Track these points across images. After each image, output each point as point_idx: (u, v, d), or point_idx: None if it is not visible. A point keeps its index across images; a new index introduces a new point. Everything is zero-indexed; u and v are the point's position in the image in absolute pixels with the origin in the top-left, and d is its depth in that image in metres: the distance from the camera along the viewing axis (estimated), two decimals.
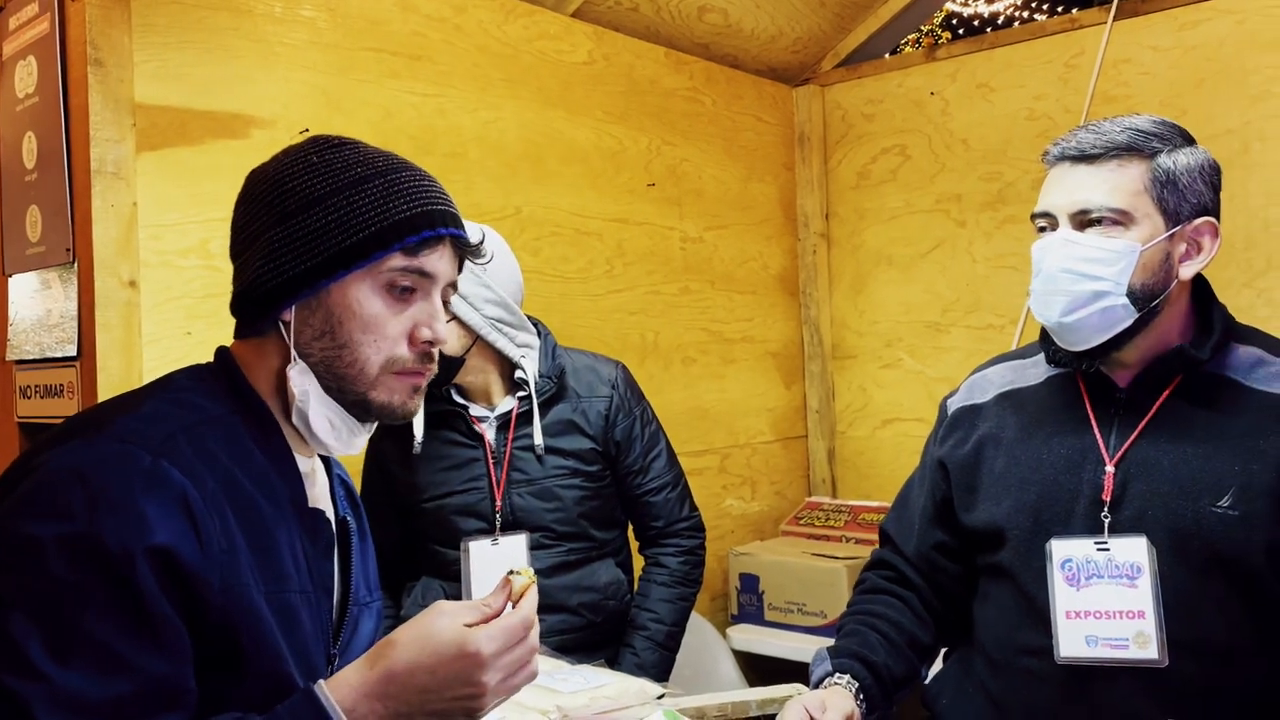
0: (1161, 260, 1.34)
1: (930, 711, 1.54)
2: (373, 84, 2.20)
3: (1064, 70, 2.82)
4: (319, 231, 1.01)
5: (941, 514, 1.54)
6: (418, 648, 0.93)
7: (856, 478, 3.28)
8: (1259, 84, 2.51)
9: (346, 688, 0.93)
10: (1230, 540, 1.27)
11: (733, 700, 1.73)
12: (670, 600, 2.09)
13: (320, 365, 1.03)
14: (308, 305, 1.02)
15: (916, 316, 3.14)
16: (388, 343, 1.03)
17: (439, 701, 0.93)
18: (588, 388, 2.06)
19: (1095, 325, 1.34)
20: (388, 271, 1.02)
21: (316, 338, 1.02)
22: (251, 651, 0.92)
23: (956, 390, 1.62)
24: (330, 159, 1.04)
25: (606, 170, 2.73)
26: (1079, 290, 1.32)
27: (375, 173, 1.03)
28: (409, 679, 0.92)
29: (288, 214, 1.02)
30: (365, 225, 1.00)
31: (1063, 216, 1.35)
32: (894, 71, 3.17)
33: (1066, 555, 1.36)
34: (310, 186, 1.02)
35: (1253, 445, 1.30)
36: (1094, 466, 1.38)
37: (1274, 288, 2.51)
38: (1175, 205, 1.33)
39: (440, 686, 0.93)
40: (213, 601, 0.89)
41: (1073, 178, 1.35)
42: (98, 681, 0.83)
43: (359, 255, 1.00)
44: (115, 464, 0.88)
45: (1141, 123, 1.35)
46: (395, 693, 0.92)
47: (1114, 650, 1.31)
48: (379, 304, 1.03)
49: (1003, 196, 2.95)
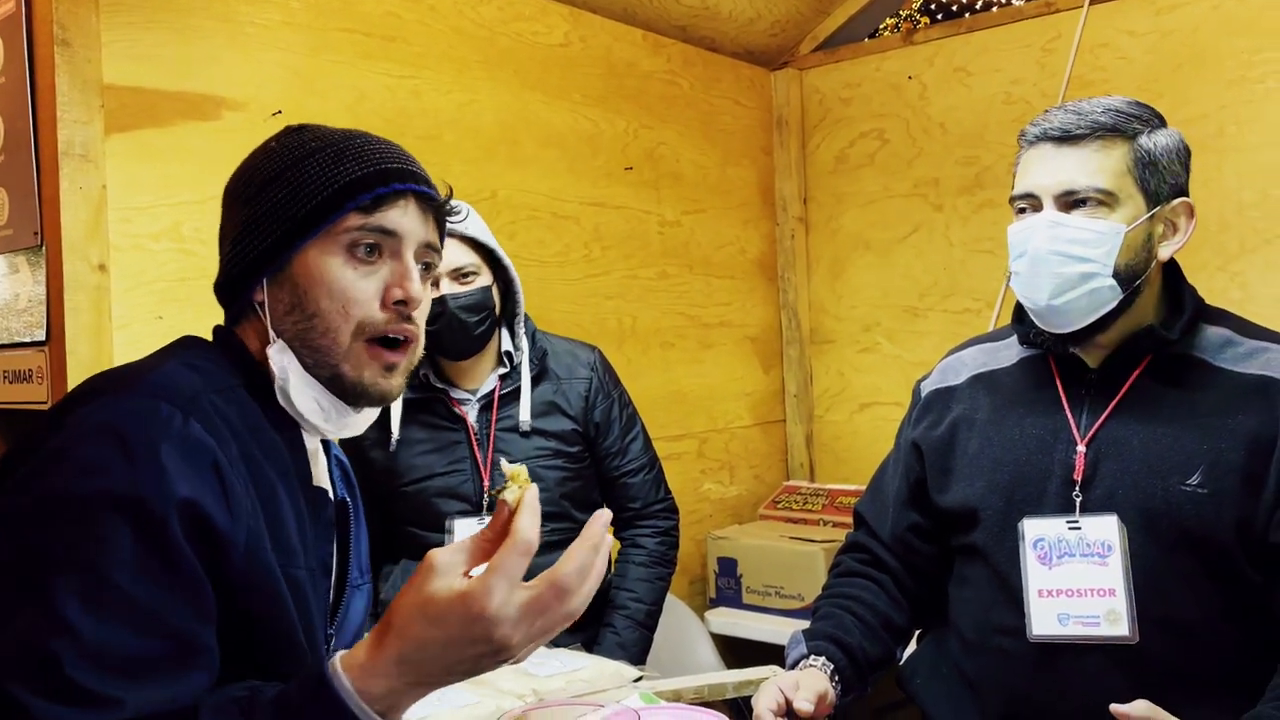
0: (1144, 241, 1.34)
1: (905, 692, 1.55)
2: (346, 65, 2.18)
3: (1041, 54, 2.83)
4: (276, 206, 1.02)
5: (915, 496, 1.55)
6: (422, 619, 0.84)
7: (834, 462, 3.29)
8: (1234, 68, 2.53)
9: (358, 668, 0.84)
10: (1199, 518, 1.28)
11: (709, 683, 1.73)
12: (649, 580, 2.12)
13: (296, 341, 1.01)
14: (276, 281, 1.02)
15: (894, 300, 3.15)
16: (358, 307, 1.01)
17: (462, 664, 0.85)
18: (567, 370, 2.09)
19: (1084, 307, 1.34)
20: (345, 233, 1.01)
21: (288, 312, 1.02)
22: (267, 618, 0.92)
23: (930, 373, 1.63)
24: (288, 141, 1.06)
25: (584, 153, 2.71)
26: (1067, 272, 1.33)
27: (327, 144, 1.04)
28: (421, 652, 0.84)
29: (249, 197, 1.04)
30: (318, 191, 1.01)
31: (1047, 198, 1.35)
32: (872, 55, 3.17)
33: (1039, 534, 1.37)
34: (267, 167, 1.04)
35: (1221, 424, 1.31)
36: (1065, 446, 1.39)
37: (1247, 271, 2.53)
38: (1156, 186, 1.34)
39: (457, 652, 0.84)
40: (236, 564, 0.89)
41: (1056, 159, 1.34)
42: (129, 637, 0.82)
43: (313, 221, 1.00)
44: (148, 419, 0.88)
45: (1119, 104, 1.36)
46: (411, 668, 0.85)
47: (1086, 628, 1.32)
48: (342, 267, 1.01)
49: (980, 181, 2.95)
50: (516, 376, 2.04)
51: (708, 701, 1.66)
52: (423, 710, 1.34)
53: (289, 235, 1.01)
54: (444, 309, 1.92)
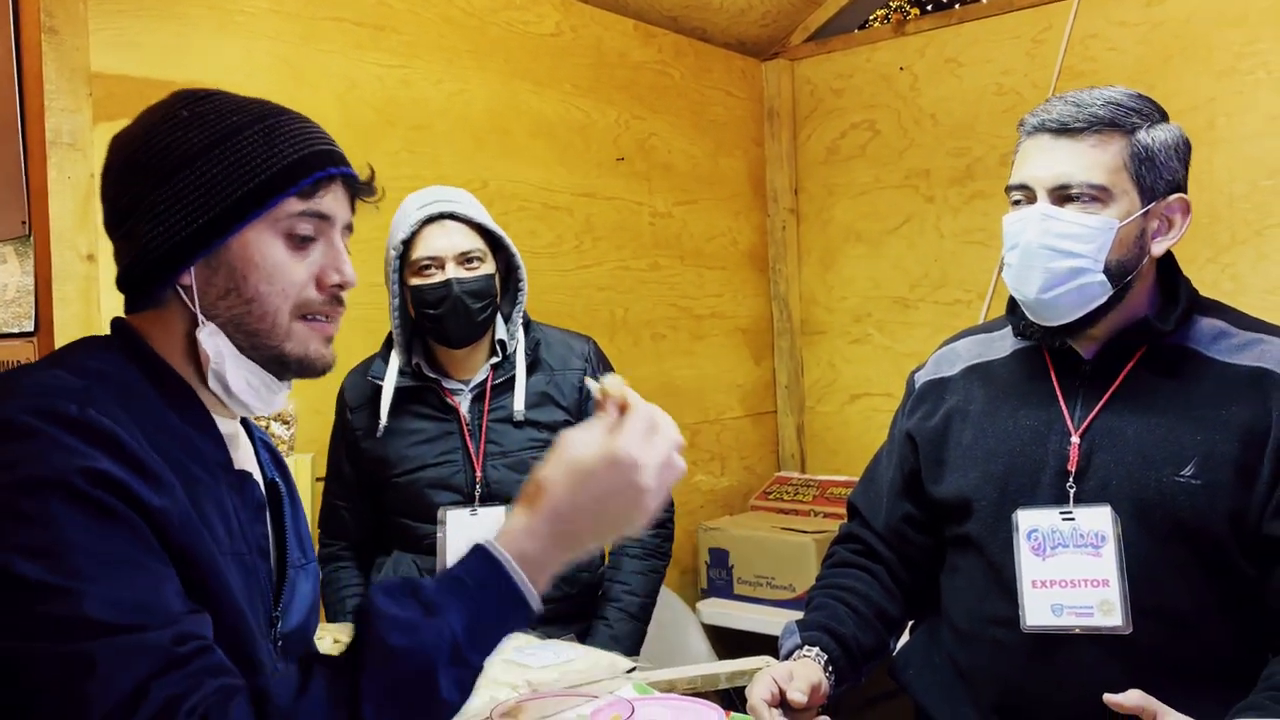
0: (1136, 236, 1.34)
1: (897, 683, 1.56)
2: (336, 54, 2.17)
3: (1031, 45, 2.83)
4: (208, 185, 0.96)
5: (909, 486, 1.55)
6: (570, 479, 0.93)
7: (825, 453, 3.30)
8: (1224, 60, 2.53)
9: (516, 534, 0.92)
10: (1193, 509, 1.29)
11: (702, 673, 1.73)
12: (643, 573, 2.11)
13: (229, 325, 0.99)
14: (208, 264, 0.98)
15: (885, 292, 3.15)
16: (295, 289, 1.01)
17: (608, 518, 0.94)
18: (560, 361, 2.08)
19: (1072, 302, 1.34)
20: (286, 219, 0.99)
21: (222, 296, 0.99)
22: (212, 594, 0.89)
23: (924, 364, 1.62)
24: (201, 111, 0.99)
25: (575, 144, 2.70)
26: (1057, 267, 1.32)
27: (252, 118, 0.99)
28: (574, 507, 0.92)
29: (168, 172, 0.97)
30: (255, 172, 0.97)
31: (1041, 190, 1.34)
32: (863, 46, 3.17)
33: (1032, 525, 1.37)
34: (188, 141, 0.97)
35: (1215, 415, 1.31)
36: (1059, 437, 1.39)
37: (1238, 262, 2.54)
38: (1151, 182, 1.33)
39: (606, 503, 0.93)
40: (173, 535, 0.87)
41: (1052, 151, 1.34)
42: (127, 583, 0.80)
43: (254, 204, 0.97)
44: (43, 411, 0.85)
45: (1119, 96, 1.35)
46: (566, 530, 0.93)
47: (1079, 618, 1.32)
48: (281, 252, 1.00)
49: (970, 172, 2.95)
50: (509, 366, 2.03)
51: (701, 692, 1.66)
52: None
53: (226, 217, 0.97)
54: (449, 293, 1.91)
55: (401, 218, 1.97)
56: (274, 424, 1.77)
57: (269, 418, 1.78)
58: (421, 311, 1.95)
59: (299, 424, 1.84)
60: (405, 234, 1.93)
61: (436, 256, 1.93)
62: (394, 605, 0.86)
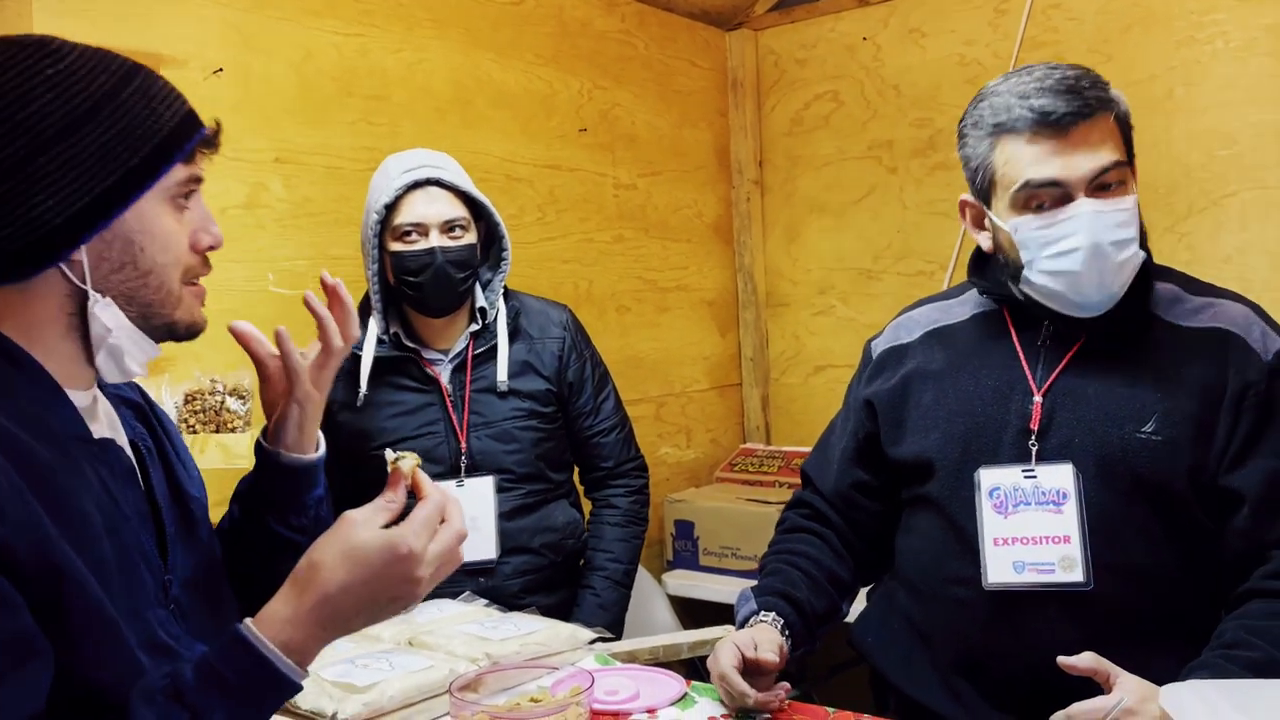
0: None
1: (857, 650, 1.57)
2: (291, 22, 2.12)
3: (994, 15, 2.82)
4: (97, 154, 0.90)
5: (863, 453, 1.56)
6: (348, 564, 0.92)
7: (790, 424, 3.31)
8: (1183, 29, 2.54)
9: (280, 622, 0.91)
10: (1154, 465, 1.31)
11: (664, 643, 1.75)
12: (625, 540, 2.13)
13: (121, 298, 0.96)
14: (102, 238, 0.93)
15: (849, 263, 3.16)
16: (183, 256, 0.99)
17: (376, 608, 0.95)
18: (540, 329, 2.07)
19: (1123, 284, 1.34)
20: (174, 185, 0.97)
21: (116, 270, 0.95)
22: (77, 608, 0.86)
23: (881, 333, 1.63)
24: (68, 69, 0.92)
25: (537, 115, 2.68)
26: (1124, 259, 1.31)
27: (122, 78, 0.94)
28: (345, 597, 0.92)
29: (49, 140, 0.89)
30: (144, 139, 0.93)
31: (1080, 184, 1.30)
32: (827, 16, 3.15)
33: (994, 483, 1.38)
34: (65, 105, 0.90)
35: (1174, 374, 1.34)
36: (1022, 397, 1.40)
37: (1195, 232, 2.57)
38: (1131, 149, 1.36)
39: (378, 595, 0.94)
40: (26, 572, 0.82)
41: (1076, 143, 1.30)
42: None
43: (148, 173, 0.94)
44: None
45: (1086, 73, 1.34)
46: (332, 614, 0.92)
47: (1041, 575, 1.34)
48: (170, 220, 0.98)
49: (933, 143, 2.96)
50: (489, 336, 2.02)
51: (663, 662, 1.67)
52: (373, 676, 1.33)
53: (121, 187, 0.92)
54: (433, 261, 1.89)
55: (384, 181, 1.94)
56: (229, 399, 1.74)
57: (224, 393, 1.75)
58: (402, 279, 1.92)
59: (255, 399, 1.81)
60: (389, 198, 1.90)
61: (420, 223, 1.91)
62: (156, 717, 0.85)
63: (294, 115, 2.13)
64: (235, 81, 2.02)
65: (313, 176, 2.16)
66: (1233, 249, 2.52)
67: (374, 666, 1.37)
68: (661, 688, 1.39)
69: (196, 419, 1.81)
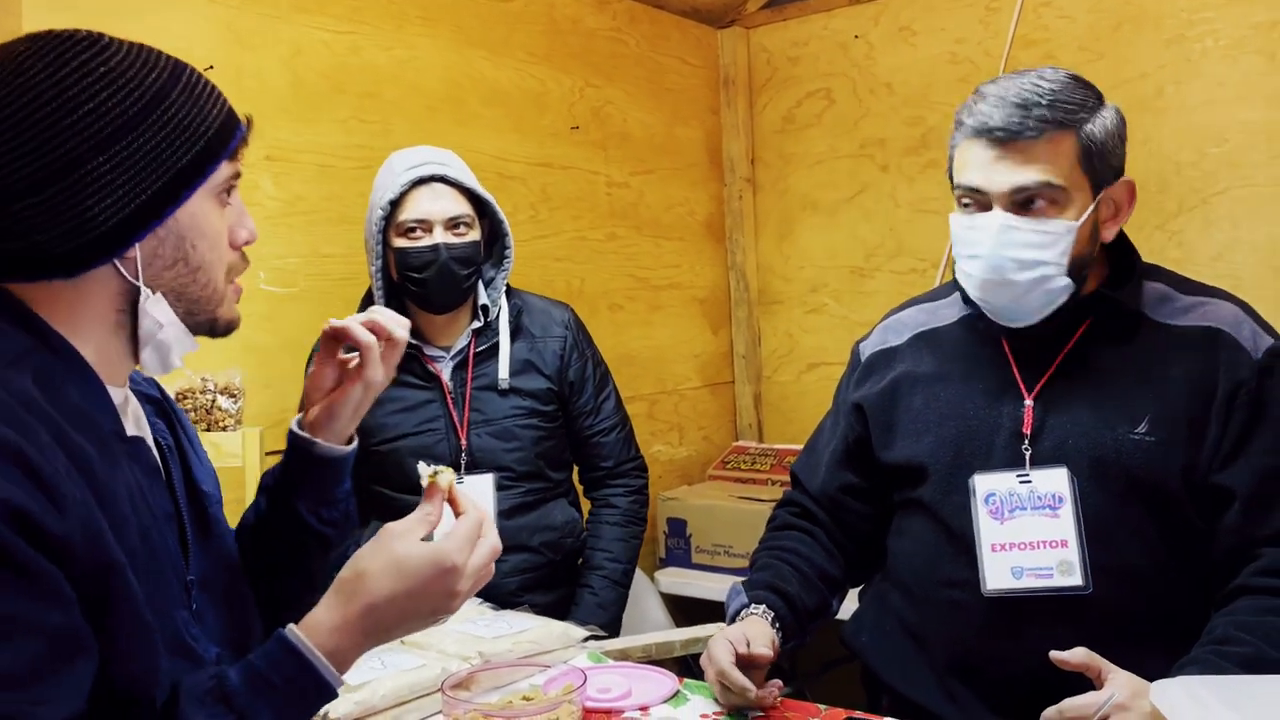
0: (1091, 231, 1.34)
1: (850, 650, 1.57)
2: (281, 19, 2.12)
3: (985, 13, 2.83)
4: (152, 152, 0.91)
5: (852, 455, 1.56)
6: (394, 575, 0.95)
7: (782, 422, 3.31)
8: (1173, 28, 2.55)
9: (326, 629, 0.94)
10: (1148, 465, 1.31)
11: (657, 641, 1.75)
12: (624, 539, 2.14)
13: (171, 294, 0.97)
14: (155, 235, 0.94)
15: (841, 261, 3.16)
16: (226, 254, 1.00)
17: (416, 618, 0.98)
18: (542, 328, 2.08)
19: (1038, 305, 1.34)
20: (221, 182, 0.98)
21: (168, 266, 0.95)
22: (120, 605, 0.87)
23: (869, 335, 1.63)
24: (119, 66, 0.92)
25: (529, 113, 2.67)
26: (1023, 278, 1.31)
27: (169, 76, 0.95)
28: (390, 606, 0.95)
29: (108, 138, 0.89)
30: (195, 137, 0.94)
31: (999, 198, 1.31)
32: (818, 14, 3.15)
33: (990, 489, 1.38)
34: (120, 102, 0.90)
35: (1165, 374, 1.33)
36: (1013, 401, 1.40)
37: (1185, 230, 2.57)
38: (1101, 173, 1.32)
39: (420, 605, 0.96)
40: (78, 562, 0.83)
41: (1004, 159, 1.30)
42: (7, 652, 0.77)
43: (198, 171, 0.94)
44: None
45: (1060, 88, 1.31)
46: (376, 622, 0.95)
47: (1039, 580, 1.34)
48: (217, 216, 0.99)
49: (925, 141, 2.96)
50: (491, 333, 2.02)
51: (655, 660, 1.67)
52: (366, 675, 1.33)
53: (175, 185, 0.93)
54: (437, 258, 1.89)
55: (389, 177, 1.94)
56: (220, 397, 1.74)
57: (215, 391, 1.75)
58: (405, 274, 1.93)
59: (246, 398, 1.81)
60: (394, 194, 1.90)
61: (425, 220, 1.91)
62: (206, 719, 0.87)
63: (285, 113, 2.12)
64: (226, 79, 2.00)
65: (304, 175, 2.16)
66: (1223, 246, 2.53)
67: (365, 665, 1.36)
68: (654, 685, 1.39)
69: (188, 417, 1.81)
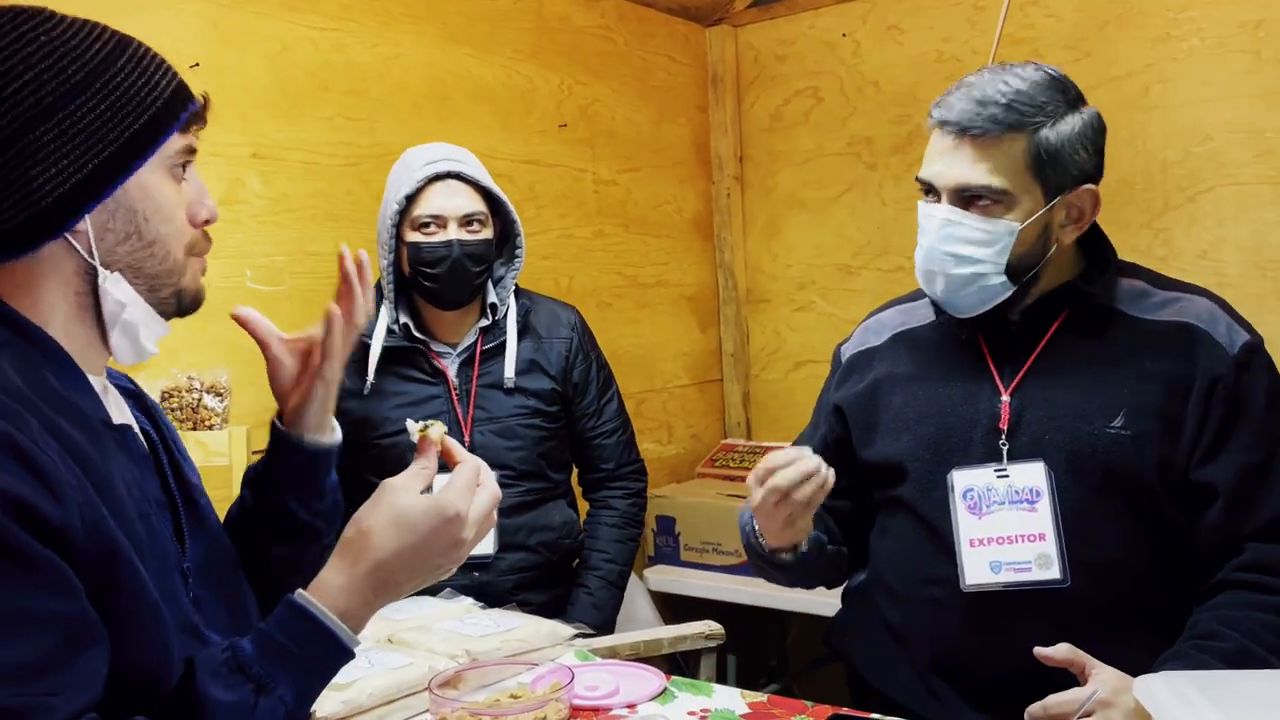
0: (1039, 233, 1.35)
1: (833, 650, 1.57)
2: (268, 16, 2.11)
3: (972, 12, 2.84)
4: (96, 122, 0.89)
5: (832, 456, 1.56)
6: (398, 530, 0.95)
7: (770, 420, 3.32)
8: (1160, 26, 2.56)
9: (335, 590, 0.94)
10: (1124, 459, 1.32)
11: (645, 639, 1.75)
12: (621, 541, 2.15)
13: (129, 270, 0.95)
14: (104, 208, 0.92)
15: (828, 259, 3.17)
16: (184, 228, 0.99)
17: (426, 571, 0.98)
18: (548, 329, 2.09)
19: (974, 301, 1.38)
20: (173, 154, 0.96)
21: (121, 241, 0.94)
22: (126, 589, 0.86)
23: (849, 337, 1.65)
24: (59, 36, 0.91)
25: (516, 110, 2.67)
26: (957, 273, 1.35)
27: (115, 47, 0.94)
28: (396, 560, 0.95)
29: (48, 108, 0.87)
30: (142, 108, 0.92)
31: (945, 191, 1.35)
32: (806, 12, 3.16)
33: (968, 485, 1.39)
34: (63, 71, 0.89)
35: (1140, 369, 1.34)
36: (990, 397, 1.41)
37: (1171, 228, 2.59)
38: (1056, 179, 1.33)
39: (428, 558, 0.97)
40: (80, 549, 0.82)
41: (955, 152, 1.34)
42: (20, 645, 0.76)
43: (148, 141, 0.93)
44: None
45: (1025, 89, 1.32)
46: (385, 578, 0.95)
47: (1018, 574, 1.35)
48: (170, 189, 0.97)
49: (912, 139, 2.96)
50: (499, 332, 2.03)
51: (644, 657, 1.67)
52: (353, 674, 1.33)
53: (122, 155, 0.91)
54: (450, 254, 1.91)
55: (405, 172, 1.95)
56: (207, 396, 1.73)
57: (201, 390, 1.74)
58: (418, 269, 1.94)
59: (233, 396, 1.80)
60: (410, 189, 1.91)
61: (440, 215, 1.93)
62: (224, 691, 0.87)
63: (271, 110, 2.11)
64: (211, 76, 2.00)
65: (290, 172, 2.15)
66: (1208, 244, 2.54)
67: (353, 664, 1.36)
68: (641, 683, 1.39)
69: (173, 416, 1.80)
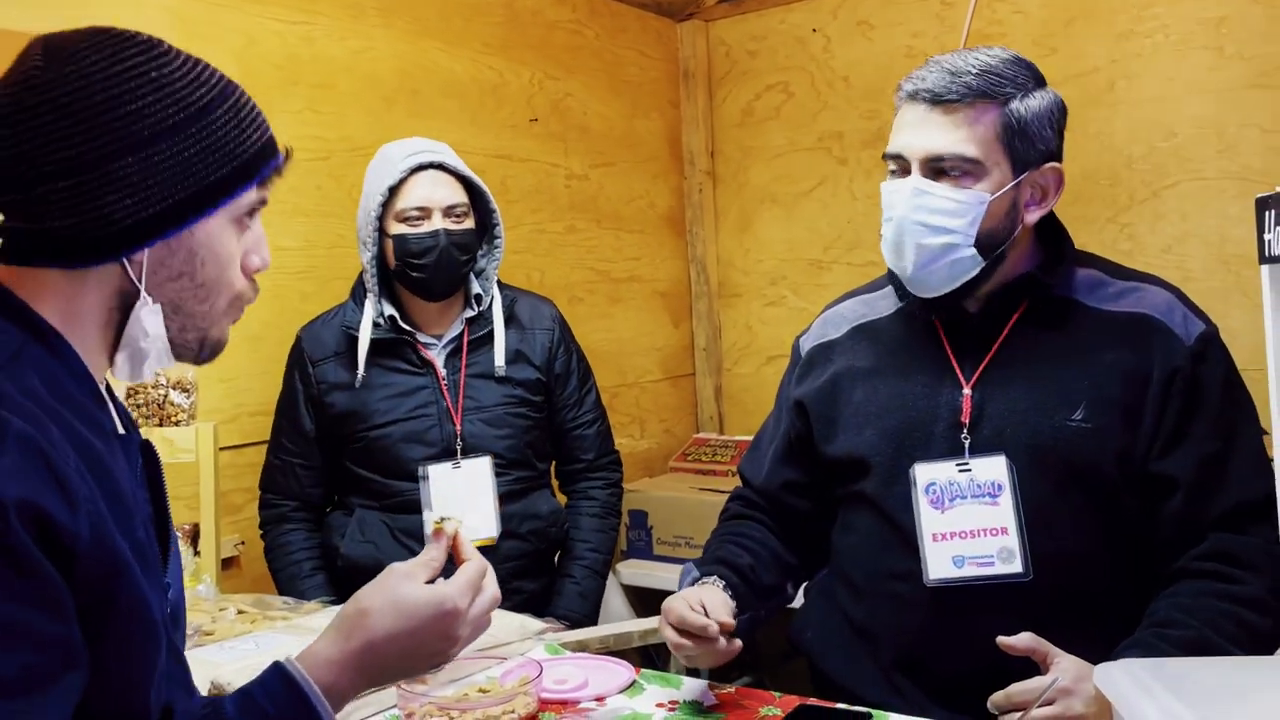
0: (1008, 208, 1.35)
1: (797, 648, 1.58)
2: (233, 9, 2.09)
3: (940, 8, 2.86)
4: (184, 164, 0.91)
5: (794, 452, 1.57)
6: (395, 614, 0.96)
7: (742, 414, 3.33)
8: (1125, 23, 2.59)
9: (324, 663, 0.95)
10: (1084, 452, 1.33)
11: (614, 632, 1.75)
12: (603, 530, 2.19)
13: (169, 305, 0.96)
14: (167, 245, 0.93)
15: (799, 254, 3.18)
16: (236, 278, 0.99)
17: (415, 660, 0.99)
18: (531, 320, 2.12)
19: (944, 277, 1.37)
20: (244, 206, 0.97)
21: (173, 278, 0.95)
22: (122, 599, 0.85)
23: (808, 329, 1.64)
24: (169, 75, 0.92)
25: (487, 104, 2.66)
26: (929, 243, 1.34)
27: (218, 94, 0.95)
28: (390, 646, 0.96)
29: (141, 140, 0.89)
30: (229, 158, 0.94)
31: (915, 162, 1.34)
32: (777, 8, 3.17)
33: (930, 479, 1.39)
34: (164, 110, 0.91)
35: (1098, 360, 1.35)
36: (951, 390, 1.41)
37: (1136, 223, 2.61)
38: (1024, 153, 1.34)
39: (420, 647, 0.98)
40: (83, 558, 0.82)
41: (926, 123, 1.34)
42: (4, 659, 0.76)
43: (224, 191, 0.94)
44: None
45: (995, 64, 1.33)
46: (375, 661, 0.96)
47: (980, 568, 1.35)
48: (232, 239, 0.97)
49: (882, 135, 2.94)
50: (484, 322, 2.04)
51: (614, 651, 1.67)
52: None
53: (198, 200, 0.92)
54: (438, 243, 1.91)
55: (386, 165, 1.96)
56: (173, 392, 1.72)
57: (168, 385, 1.72)
58: (405, 261, 1.93)
59: (200, 392, 1.79)
60: (394, 180, 1.91)
61: (425, 206, 1.93)
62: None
63: None
64: None
65: None
66: (1172, 239, 2.57)
67: None
68: (610, 675, 1.40)
69: (139, 413, 1.79)
